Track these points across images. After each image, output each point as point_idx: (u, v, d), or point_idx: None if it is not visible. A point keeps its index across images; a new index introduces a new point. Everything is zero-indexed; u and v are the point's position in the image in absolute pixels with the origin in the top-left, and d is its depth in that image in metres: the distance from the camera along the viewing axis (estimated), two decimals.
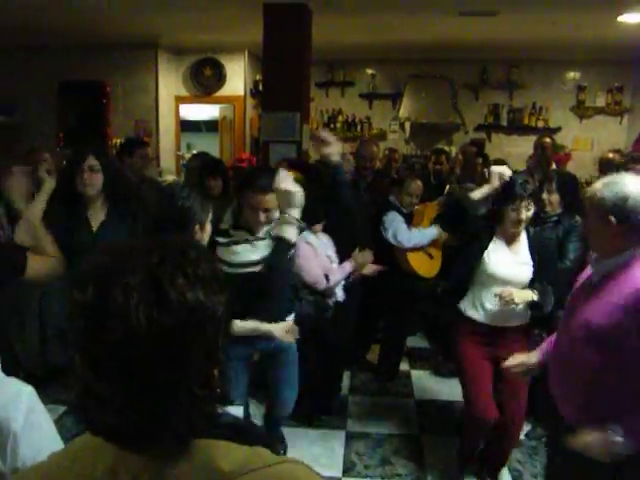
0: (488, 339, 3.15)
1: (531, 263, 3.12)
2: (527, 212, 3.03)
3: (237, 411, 1.06)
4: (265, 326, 2.83)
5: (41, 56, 7.97)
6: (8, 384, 1.18)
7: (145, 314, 0.77)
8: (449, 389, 4.56)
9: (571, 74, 8.47)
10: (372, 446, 3.81)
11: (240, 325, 2.71)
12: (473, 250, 3.15)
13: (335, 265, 3.79)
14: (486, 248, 3.11)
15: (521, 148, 7.98)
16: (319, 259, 3.66)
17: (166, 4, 5.78)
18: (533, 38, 6.97)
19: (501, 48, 7.73)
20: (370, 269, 4.05)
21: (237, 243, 2.82)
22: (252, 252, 2.81)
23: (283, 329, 2.90)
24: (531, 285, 3.06)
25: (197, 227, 2.42)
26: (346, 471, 3.54)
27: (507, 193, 3.06)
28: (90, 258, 0.86)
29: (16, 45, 7.81)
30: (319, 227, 3.73)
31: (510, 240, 3.14)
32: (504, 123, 8.65)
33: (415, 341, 5.40)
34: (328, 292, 3.68)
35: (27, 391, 1.17)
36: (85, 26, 6.82)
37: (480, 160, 5.68)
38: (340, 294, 3.84)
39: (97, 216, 3.19)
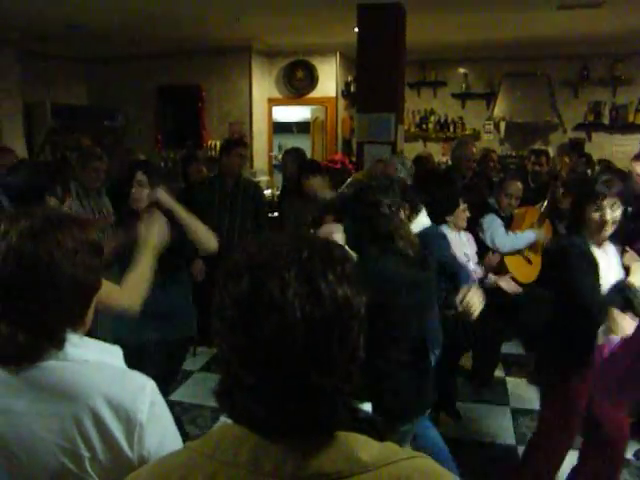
0: None
1: (619, 260, 2.85)
2: (613, 213, 2.71)
3: (367, 407, 1.09)
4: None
5: (141, 63, 8.38)
6: (133, 377, 1.23)
7: (300, 308, 0.80)
8: None
9: None
10: (468, 453, 3.72)
11: None
12: (588, 278, 2.77)
13: (472, 264, 3.82)
14: (596, 261, 2.77)
15: (625, 147, 7.59)
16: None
17: (261, 8, 5.89)
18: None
19: (604, 42, 7.38)
20: (508, 286, 3.97)
21: None
22: None
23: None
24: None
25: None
26: None
27: (587, 192, 2.78)
28: (241, 251, 0.89)
29: (117, 54, 8.24)
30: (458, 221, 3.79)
31: (600, 244, 2.84)
32: (606, 121, 8.23)
33: (510, 348, 5.23)
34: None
35: (150, 384, 1.22)
36: (182, 33, 7.08)
37: (584, 160, 5.42)
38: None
39: None
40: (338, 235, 2.68)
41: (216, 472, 0.84)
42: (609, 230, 2.77)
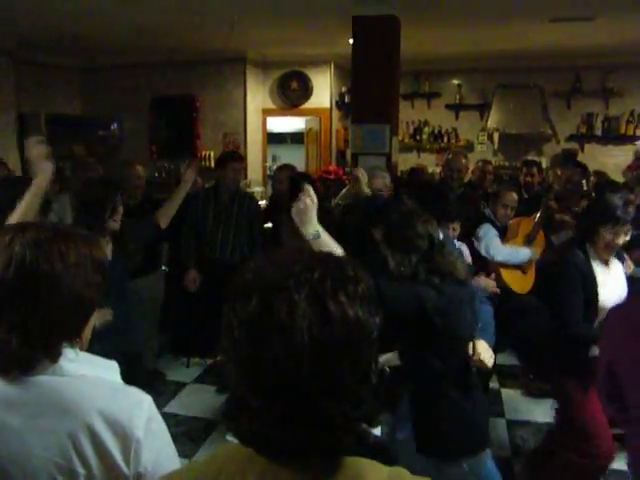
0: None
1: (624, 277, 2.90)
2: (625, 237, 2.80)
3: (376, 430, 1.08)
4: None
5: (135, 73, 8.38)
6: (130, 393, 1.22)
7: (308, 330, 0.78)
8: (542, 410, 4.38)
9: None
10: None
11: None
12: (580, 285, 2.84)
13: None
14: (594, 278, 2.84)
15: (617, 158, 7.64)
16: None
17: (256, 19, 5.91)
18: (632, 41, 6.68)
19: (596, 54, 7.45)
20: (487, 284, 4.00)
21: None
22: None
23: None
24: None
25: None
26: None
27: (606, 213, 2.83)
28: (251, 268, 0.87)
29: (112, 64, 8.24)
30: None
31: (605, 261, 2.91)
32: (598, 133, 8.28)
33: (505, 358, 5.22)
34: None
35: (147, 400, 1.21)
36: (176, 43, 7.10)
37: (579, 170, 5.44)
38: None
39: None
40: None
41: None
42: (614, 251, 2.86)
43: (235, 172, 4.68)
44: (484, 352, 2.49)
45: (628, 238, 2.84)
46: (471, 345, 2.55)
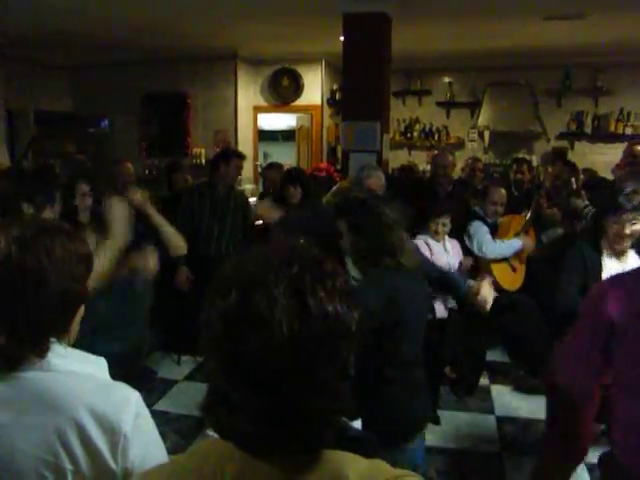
0: None
1: None
2: (632, 226, 2.76)
3: (357, 423, 1.08)
4: None
5: (126, 70, 8.33)
6: (118, 389, 1.22)
7: (287, 325, 0.78)
8: (531, 406, 4.41)
9: None
10: (451, 463, 3.72)
11: None
12: (582, 272, 2.83)
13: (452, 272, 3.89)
14: (600, 269, 2.82)
15: (607, 156, 7.66)
16: (435, 262, 3.74)
17: (246, 16, 5.90)
18: (622, 40, 6.71)
19: (586, 52, 7.47)
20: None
21: None
22: None
23: None
24: None
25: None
26: None
27: (609, 203, 2.84)
28: (231, 264, 0.87)
29: (102, 61, 8.20)
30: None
31: (619, 254, 2.88)
32: (588, 131, 8.34)
33: (495, 355, 5.24)
34: None
35: (135, 396, 1.21)
36: (167, 40, 7.07)
37: (567, 168, 5.46)
38: (441, 311, 3.92)
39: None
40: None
41: None
42: (627, 242, 2.81)
43: (237, 169, 4.74)
44: (487, 291, 2.53)
45: (637, 228, 2.79)
46: (475, 285, 2.61)
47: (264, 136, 9.53)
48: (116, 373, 1.29)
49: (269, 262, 0.84)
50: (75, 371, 1.19)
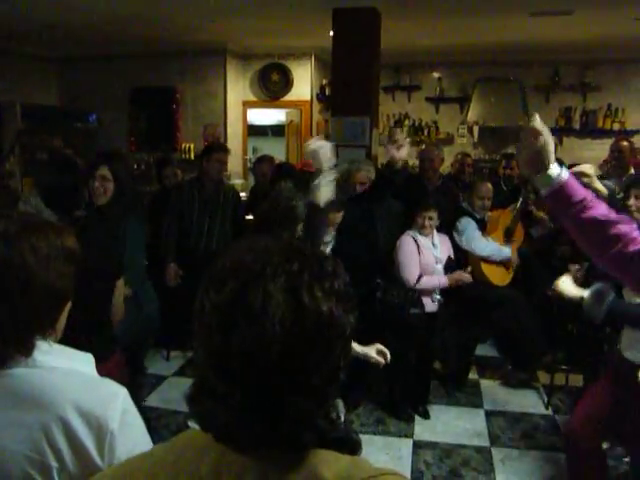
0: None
1: None
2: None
3: (340, 405, 1.07)
4: (360, 348, 2.55)
5: (115, 64, 8.27)
6: (104, 385, 1.21)
7: (281, 322, 0.77)
8: (519, 400, 4.45)
9: None
10: (441, 456, 3.74)
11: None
12: None
13: (440, 266, 4.07)
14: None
15: (595, 152, 7.69)
16: (422, 256, 3.99)
17: (236, 11, 5.87)
18: (610, 36, 6.74)
19: (574, 48, 7.50)
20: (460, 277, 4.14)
21: None
22: None
23: (376, 350, 2.59)
24: None
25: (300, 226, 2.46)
26: None
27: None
28: (229, 254, 0.86)
29: (92, 55, 8.13)
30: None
31: None
32: (576, 126, 8.36)
33: (484, 350, 5.27)
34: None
35: (122, 392, 1.20)
36: (156, 34, 7.02)
37: None
38: (430, 305, 4.00)
39: None
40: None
41: None
42: None
43: (220, 163, 4.70)
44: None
45: None
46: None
47: (253, 131, 9.49)
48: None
49: (268, 256, 0.83)
50: (60, 367, 1.18)
